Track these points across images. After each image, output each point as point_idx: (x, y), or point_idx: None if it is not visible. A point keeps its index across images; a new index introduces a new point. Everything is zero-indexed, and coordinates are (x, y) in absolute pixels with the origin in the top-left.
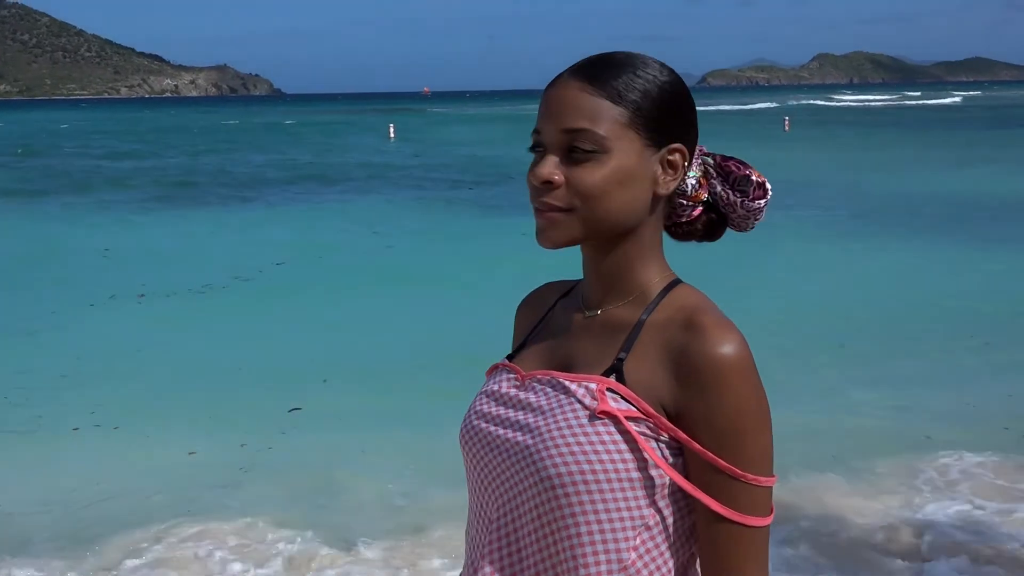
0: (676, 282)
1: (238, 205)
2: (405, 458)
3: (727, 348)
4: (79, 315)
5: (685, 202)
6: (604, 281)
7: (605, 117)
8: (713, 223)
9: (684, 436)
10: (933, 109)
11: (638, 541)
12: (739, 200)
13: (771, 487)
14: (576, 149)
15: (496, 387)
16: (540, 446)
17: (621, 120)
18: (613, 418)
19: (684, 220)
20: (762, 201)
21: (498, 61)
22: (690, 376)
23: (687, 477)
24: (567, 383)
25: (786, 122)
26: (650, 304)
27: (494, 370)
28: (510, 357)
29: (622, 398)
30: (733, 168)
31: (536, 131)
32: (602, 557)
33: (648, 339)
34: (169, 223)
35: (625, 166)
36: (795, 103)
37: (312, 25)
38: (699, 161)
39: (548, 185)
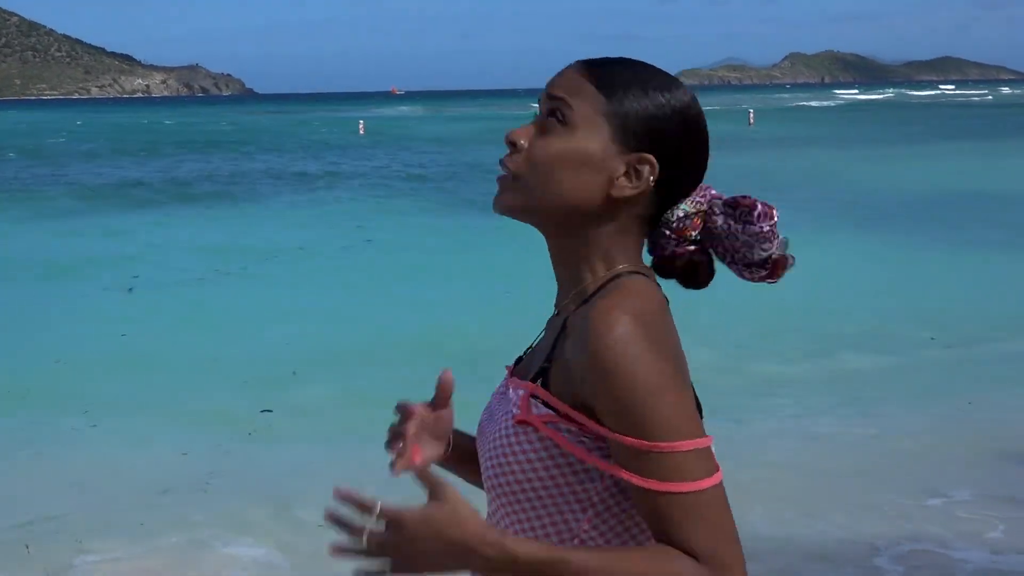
0: (621, 275)
1: (210, 203)
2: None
3: (608, 328)
4: (56, 312)
5: (668, 234)
6: (560, 282)
7: (585, 97)
8: (695, 265)
9: (602, 429)
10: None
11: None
12: (740, 227)
13: (699, 449)
14: (550, 117)
15: (496, 389)
16: (483, 454)
17: (598, 106)
18: (532, 427)
19: (666, 254)
20: (765, 224)
21: (471, 60)
22: (584, 365)
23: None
24: (510, 390)
25: (750, 115)
26: (582, 302)
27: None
28: (520, 359)
29: (542, 403)
30: (742, 200)
31: (538, 100)
32: None
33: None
34: (145, 222)
35: (583, 149)
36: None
37: (284, 25)
38: (700, 199)
39: (512, 147)
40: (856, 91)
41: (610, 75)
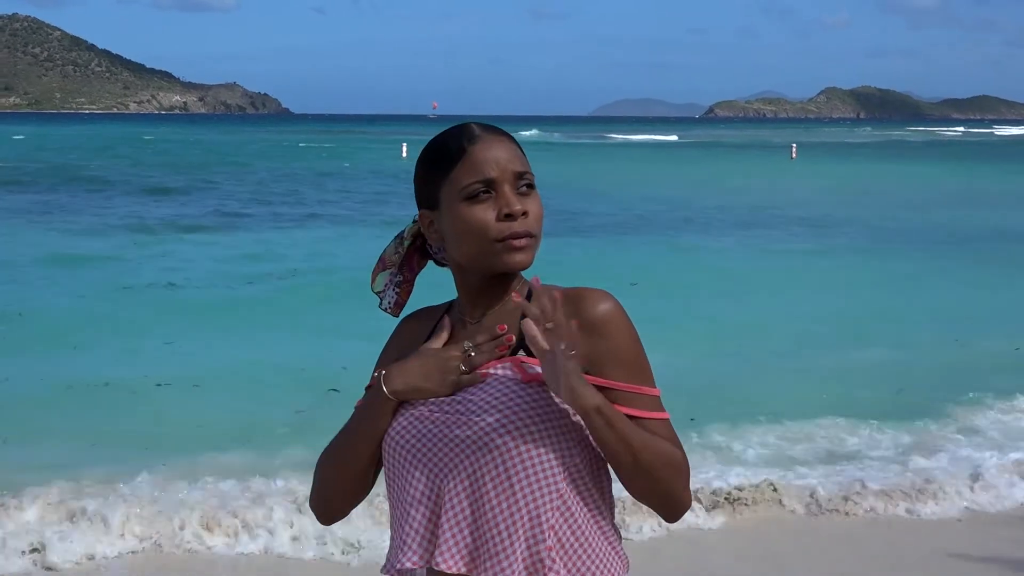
0: (527, 280)
1: (273, 223)
2: None
3: (608, 301)
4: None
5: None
6: (480, 302)
7: (529, 166)
8: None
9: (602, 380)
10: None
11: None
12: None
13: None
14: (526, 185)
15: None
16: (474, 416)
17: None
18: (537, 383)
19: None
20: None
21: (504, 86)
22: (593, 330)
23: None
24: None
25: (792, 149)
26: (522, 301)
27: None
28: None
29: (530, 368)
30: None
31: (487, 180)
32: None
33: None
34: (211, 243)
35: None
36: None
37: (319, 45)
38: None
39: (525, 216)
40: (914, 127)
41: (521, 146)
